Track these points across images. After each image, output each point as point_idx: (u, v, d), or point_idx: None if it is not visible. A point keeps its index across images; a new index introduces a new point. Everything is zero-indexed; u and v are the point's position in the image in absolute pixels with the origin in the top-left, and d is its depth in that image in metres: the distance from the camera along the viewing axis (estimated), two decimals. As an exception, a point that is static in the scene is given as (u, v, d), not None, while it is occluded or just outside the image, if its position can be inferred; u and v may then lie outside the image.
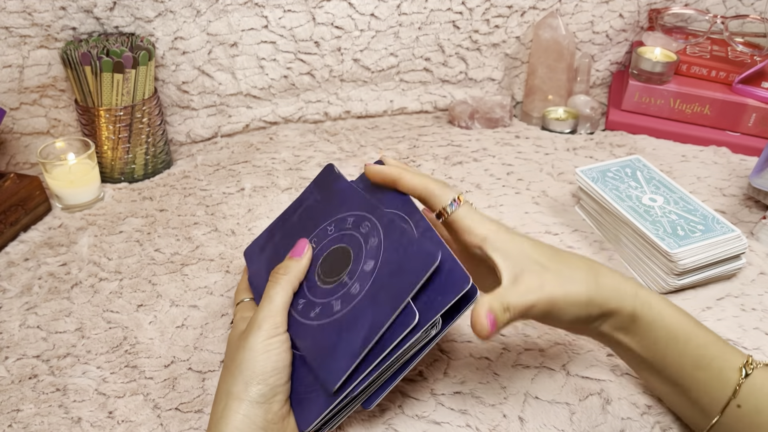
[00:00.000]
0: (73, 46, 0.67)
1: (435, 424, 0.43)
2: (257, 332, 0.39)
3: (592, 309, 0.38)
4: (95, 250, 0.60)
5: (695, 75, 0.82)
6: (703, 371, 0.38)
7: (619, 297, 0.39)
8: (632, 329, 0.40)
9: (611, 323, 0.40)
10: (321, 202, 0.48)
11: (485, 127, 0.84)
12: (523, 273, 0.38)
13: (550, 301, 0.37)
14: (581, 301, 0.38)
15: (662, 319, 0.39)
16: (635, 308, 0.39)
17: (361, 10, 0.80)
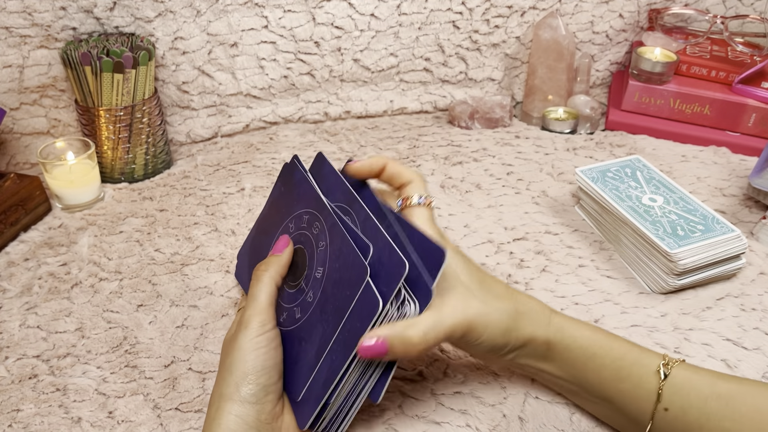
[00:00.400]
0: (74, 46, 0.67)
1: (435, 424, 0.43)
2: (245, 331, 0.39)
3: (510, 338, 0.39)
4: (95, 250, 0.60)
5: (695, 75, 0.82)
6: (624, 382, 0.39)
7: (533, 324, 0.40)
8: (549, 356, 0.40)
9: (528, 352, 0.40)
10: (284, 194, 0.46)
11: (485, 127, 0.84)
12: (448, 293, 0.38)
13: (469, 325, 0.38)
14: (501, 327, 0.39)
15: (575, 340, 0.40)
16: (548, 336, 0.40)
17: (361, 10, 0.80)
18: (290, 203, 0.44)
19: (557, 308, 0.53)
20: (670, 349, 0.49)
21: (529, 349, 0.40)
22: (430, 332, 0.37)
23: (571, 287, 0.55)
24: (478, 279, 0.40)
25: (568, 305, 0.53)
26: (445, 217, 0.65)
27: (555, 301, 0.54)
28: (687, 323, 0.51)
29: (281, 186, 0.47)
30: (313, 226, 0.41)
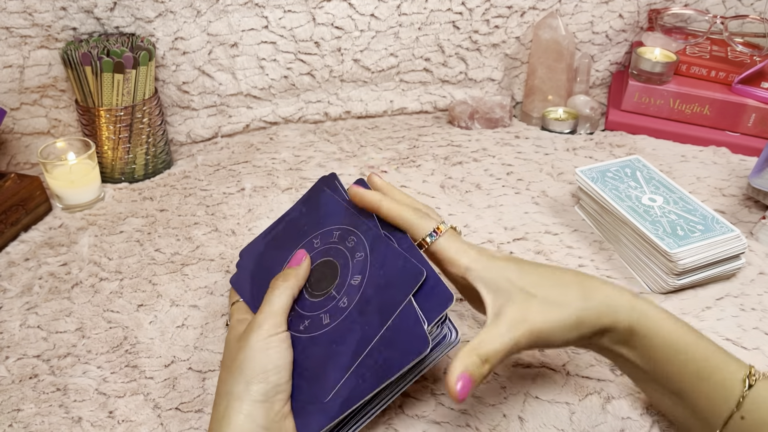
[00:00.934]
0: (74, 46, 0.67)
1: (435, 424, 0.43)
2: (257, 331, 0.39)
3: (583, 330, 0.38)
4: (96, 250, 0.60)
5: (695, 75, 0.82)
6: (705, 382, 0.38)
7: (612, 311, 0.38)
8: (631, 342, 0.39)
9: (609, 338, 0.39)
10: (306, 214, 0.49)
11: (485, 128, 0.84)
12: (506, 305, 0.38)
13: (533, 333, 0.37)
14: (569, 324, 0.37)
15: (660, 330, 0.38)
16: (632, 321, 0.38)
17: (361, 11, 0.80)
18: (315, 221, 0.48)
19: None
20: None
21: (611, 335, 0.39)
22: (496, 354, 0.36)
23: (571, 287, 0.55)
24: (535, 277, 0.39)
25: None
26: (445, 217, 0.65)
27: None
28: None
29: (302, 207, 0.50)
30: (347, 240, 0.45)
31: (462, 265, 0.40)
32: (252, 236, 0.62)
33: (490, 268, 0.40)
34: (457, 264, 0.41)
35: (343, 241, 0.45)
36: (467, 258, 0.40)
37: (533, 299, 0.38)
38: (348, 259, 0.44)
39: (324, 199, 0.49)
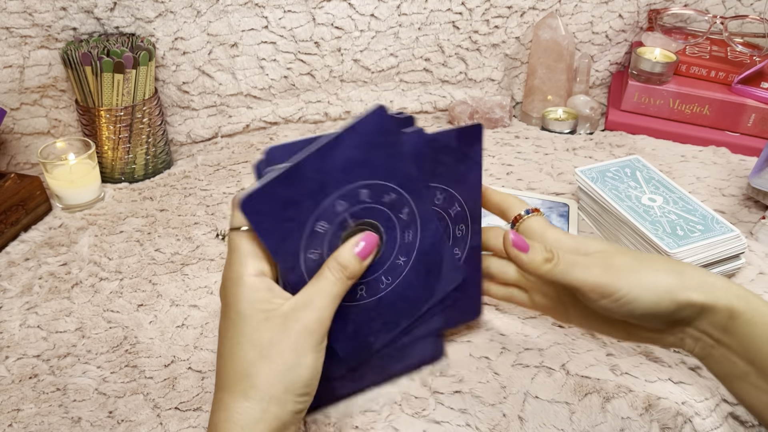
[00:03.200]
0: (74, 46, 0.67)
1: (435, 423, 0.43)
2: (310, 338, 0.34)
3: (676, 297, 0.35)
4: (95, 250, 0.60)
5: (695, 75, 0.82)
6: None
7: (707, 289, 0.36)
8: (731, 328, 0.36)
9: (708, 321, 0.36)
10: (363, 153, 0.37)
11: (485, 128, 0.84)
12: (591, 251, 0.38)
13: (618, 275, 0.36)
14: (660, 288, 0.36)
15: (763, 315, 0.35)
16: (731, 303, 0.35)
17: (361, 11, 0.80)
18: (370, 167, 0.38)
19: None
20: (669, 349, 0.49)
21: (709, 318, 0.36)
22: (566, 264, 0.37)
23: (571, 287, 0.55)
24: (629, 249, 0.39)
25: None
26: (444, 217, 0.65)
27: (554, 301, 0.54)
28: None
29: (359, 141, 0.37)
30: (402, 210, 0.40)
31: (552, 236, 0.41)
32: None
33: (579, 238, 0.40)
34: (546, 236, 0.41)
35: (397, 209, 0.39)
36: (556, 233, 0.41)
37: (628, 254, 0.38)
38: (396, 235, 0.40)
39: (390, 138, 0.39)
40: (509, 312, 0.53)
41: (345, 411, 0.44)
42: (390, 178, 0.39)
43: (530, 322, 0.52)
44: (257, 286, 0.35)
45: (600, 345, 0.49)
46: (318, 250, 0.37)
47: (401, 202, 0.40)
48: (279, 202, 0.35)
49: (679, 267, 0.37)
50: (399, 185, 0.39)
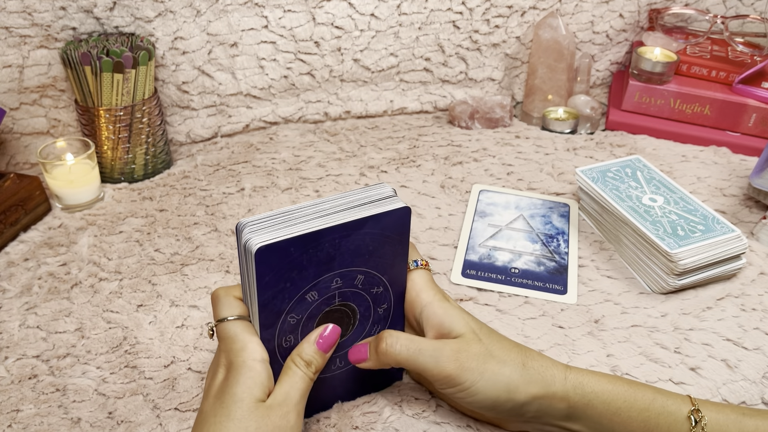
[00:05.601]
0: (73, 46, 0.67)
1: (435, 424, 0.43)
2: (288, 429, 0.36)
3: (515, 395, 0.37)
4: (95, 250, 0.60)
5: (695, 75, 0.82)
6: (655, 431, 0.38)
7: (545, 382, 0.38)
8: (573, 415, 0.38)
9: (549, 413, 0.38)
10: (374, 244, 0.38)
11: (485, 127, 0.84)
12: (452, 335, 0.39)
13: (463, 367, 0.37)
14: (502, 382, 0.37)
15: (597, 395, 0.38)
16: (567, 392, 0.38)
17: (361, 10, 0.80)
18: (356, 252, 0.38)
19: (558, 308, 0.53)
20: (670, 350, 0.49)
21: (548, 408, 0.38)
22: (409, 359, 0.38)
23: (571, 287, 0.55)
24: (489, 332, 0.40)
25: (568, 305, 0.53)
26: (445, 217, 0.65)
27: (555, 301, 0.54)
28: (687, 323, 0.51)
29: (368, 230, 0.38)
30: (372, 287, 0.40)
31: (426, 298, 0.41)
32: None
33: (451, 307, 0.40)
34: (421, 295, 0.41)
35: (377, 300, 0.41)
36: (432, 295, 0.41)
37: (480, 343, 0.38)
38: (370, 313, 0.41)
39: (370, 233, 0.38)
40: (509, 313, 0.53)
41: (345, 412, 0.44)
42: (384, 272, 0.40)
43: (530, 323, 0.52)
44: (260, 373, 0.37)
45: (600, 346, 0.49)
46: (299, 316, 0.38)
47: (384, 297, 0.41)
48: (288, 261, 0.35)
49: (525, 359, 0.39)
50: (389, 282, 0.40)
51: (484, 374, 0.37)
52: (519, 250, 0.60)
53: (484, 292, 0.55)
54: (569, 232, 0.62)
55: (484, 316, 0.52)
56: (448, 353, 0.38)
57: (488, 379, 0.37)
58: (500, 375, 0.37)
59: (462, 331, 0.39)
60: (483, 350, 0.38)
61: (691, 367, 0.47)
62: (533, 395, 0.37)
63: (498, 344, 0.39)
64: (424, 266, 0.42)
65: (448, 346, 0.38)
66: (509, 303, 0.53)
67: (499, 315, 0.52)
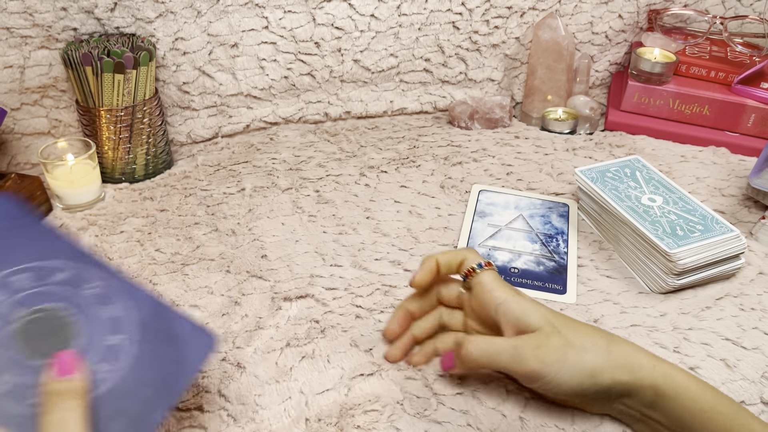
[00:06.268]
0: (74, 46, 0.67)
1: (436, 424, 0.43)
2: None
3: (599, 380, 0.38)
4: (96, 250, 0.60)
5: (694, 75, 0.83)
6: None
7: (633, 369, 0.38)
8: (658, 404, 0.38)
9: (633, 400, 0.39)
10: None
11: (485, 128, 0.84)
12: (529, 330, 0.39)
13: (544, 362, 0.38)
14: (586, 368, 0.38)
15: (687, 391, 0.38)
16: (656, 382, 0.38)
17: (361, 11, 0.80)
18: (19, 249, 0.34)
19: (557, 308, 0.53)
20: (669, 349, 0.49)
21: (635, 393, 0.38)
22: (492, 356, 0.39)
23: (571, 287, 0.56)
24: (567, 322, 0.40)
25: (567, 305, 0.54)
26: (445, 217, 0.65)
27: (555, 301, 0.54)
28: (686, 323, 0.51)
29: None
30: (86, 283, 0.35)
31: (500, 296, 0.41)
32: (252, 236, 0.62)
33: (526, 302, 0.41)
34: (495, 294, 0.42)
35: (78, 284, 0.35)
36: (505, 292, 0.42)
37: (558, 335, 0.39)
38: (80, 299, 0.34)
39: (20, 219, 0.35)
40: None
41: (347, 410, 0.44)
42: (51, 255, 0.34)
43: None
44: None
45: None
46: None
47: (82, 276, 0.35)
48: None
49: (609, 344, 0.39)
50: (71, 259, 0.35)
51: (565, 364, 0.38)
52: (518, 249, 0.60)
53: (484, 291, 0.55)
54: (568, 232, 0.62)
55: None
56: (528, 350, 0.38)
57: (569, 368, 0.38)
58: (582, 362, 0.38)
59: (539, 325, 0.39)
60: (562, 341, 0.38)
61: (690, 367, 0.47)
62: (619, 380, 0.38)
63: (578, 332, 0.39)
64: (489, 267, 0.43)
65: (526, 342, 0.39)
66: (509, 303, 0.54)
67: (499, 314, 0.52)
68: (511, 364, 0.39)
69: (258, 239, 0.62)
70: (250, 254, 0.60)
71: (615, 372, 0.38)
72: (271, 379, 0.47)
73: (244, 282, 0.56)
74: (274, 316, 0.52)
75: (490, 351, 0.39)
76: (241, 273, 0.57)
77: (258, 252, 0.60)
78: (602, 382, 0.38)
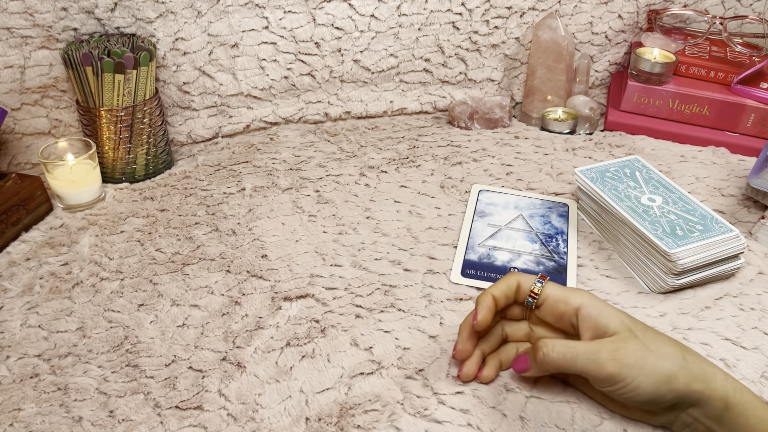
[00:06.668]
0: (75, 46, 0.68)
1: (437, 423, 0.43)
2: None
3: (674, 386, 0.38)
4: (96, 250, 0.60)
5: (694, 75, 0.83)
6: None
7: (706, 379, 0.38)
8: (724, 418, 0.38)
9: (701, 412, 0.39)
10: None
11: (485, 128, 0.84)
12: (607, 335, 0.39)
13: (623, 364, 0.38)
14: (663, 373, 0.38)
15: (754, 407, 0.38)
16: (727, 394, 0.38)
17: (361, 11, 0.80)
18: None
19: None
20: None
21: (702, 408, 0.38)
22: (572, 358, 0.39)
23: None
24: (644, 327, 0.40)
25: (567, 305, 0.54)
26: (444, 217, 0.65)
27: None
28: (686, 323, 0.51)
29: None
30: None
31: (576, 302, 0.42)
32: (252, 236, 0.62)
33: (604, 306, 0.41)
34: (570, 301, 0.42)
35: None
36: (580, 296, 0.42)
37: (636, 340, 0.39)
38: None
39: None
40: (509, 312, 0.53)
41: (347, 410, 0.44)
42: None
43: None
44: None
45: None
46: None
47: None
48: None
49: (684, 353, 0.39)
50: None
51: (644, 368, 0.38)
52: (518, 249, 0.60)
53: (484, 291, 0.55)
54: (568, 232, 0.63)
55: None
56: (606, 353, 0.38)
57: (648, 373, 0.38)
58: (660, 368, 0.38)
59: (617, 329, 0.40)
60: (640, 346, 0.39)
61: (689, 366, 0.48)
62: (693, 388, 0.38)
63: (655, 339, 0.39)
64: (544, 278, 0.44)
65: (604, 346, 0.39)
66: (509, 302, 0.54)
67: (499, 314, 0.52)
68: (589, 367, 0.39)
69: (258, 239, 0.62)
70: (250, 254, 0.60)
71: (689, 380, 0.38)
72: (272, 378, 0.47)
73: (244, 282, 0.56)
74: (275, 315, 0.52)
75: (568, 354, 0.39)
76: (241, 273, 0.57)
77: (258, 252, 0.60)
78: (677, 388, 0.38)
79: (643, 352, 0.38)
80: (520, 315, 0.47)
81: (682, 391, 0.38)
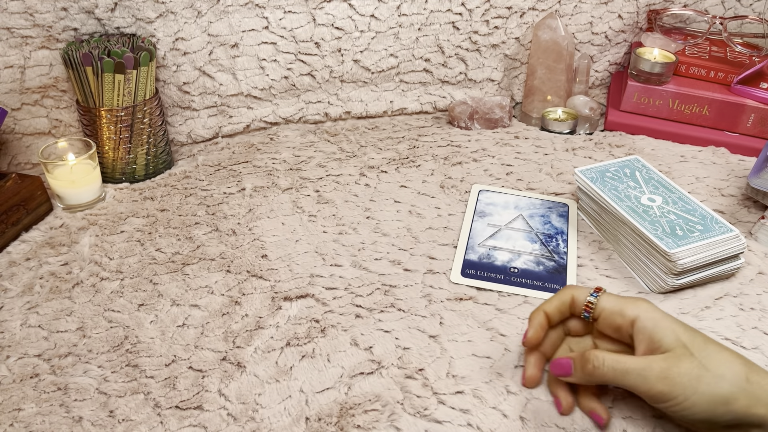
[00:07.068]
0: (75, 46, 0.68)
1: (437, 423, 0.43)
2: None
3: (733, 408, 0.36)
4: (96, 250, 0.60)
5: (694, 75, 0.83)
6: None
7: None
8: None
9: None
10: None
11: (485, 128, 0.84)
12: (660, 352, 0.38)
13: (673, 384, 0.36)
14: (720, 396, 0.36)
15: None
16: None
17: (361, 11, 0.80)
18: None
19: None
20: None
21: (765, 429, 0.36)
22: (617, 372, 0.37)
23: (571, 287, 0.56)
24: (703, 343, 0.38)
25: (567, 305, 0.54)
26: (444, 217, 0.65)
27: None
28: (686, 323, 0.51)
29: None
30: None
31: (632, 314, 0.40)
32: (252, 236, 0.62)
33: (661, 318, 0.40)
34: (626, 313, 0.41)
35: None
36: (636, 308, 0.41)
37: (691, 358, 0.37)
38: None
39: None
40: (509, 312, 0.53)
41: (347, 410, 0.44)
42: None
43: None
44: None
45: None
46: None
47: None
48: None
49: (748, 373, 0.37)
50: None
51: (698, 389, 0.36)
52: (518, 249, 0.60)
53: (484, 291, 0.55)
54: (568, 232, 0.63)
55: (483, 315, 0.52)
56: (657, 372, 0.37)
57: (703, 394, 0.36)
58: (717, 388, 0.36)
59: (671, 346, 0.38)
60: (695, 365, 0.37)
61: (689, 366, 0.48)
62: (755, 412, 0.36)
63: (715, 356, 0.37)
64: (599, 290, 0.43)
65: (656, 363, 0.37)
66: (509, 302, 0.54)
67: (499, 314, 0.52)
68: (638, 384, 0.38)
69: (258, 239, 0.62)
70: (250, 254, 0.60)
71: (751, 403, 0.36)
72: (271, 378, 0.47)
73: (244, 282, 0.56)
74: (275, 315, 0.52)
75: (618, 369, 0.38)
76: (241, 273, 0.57)
77: (258, 252, 0.60)
78: (736, 410, 0.36)
79: (699, 371, 0.37)
80: (582, 330, 0.46)
81: (742, 414, 0.36)
